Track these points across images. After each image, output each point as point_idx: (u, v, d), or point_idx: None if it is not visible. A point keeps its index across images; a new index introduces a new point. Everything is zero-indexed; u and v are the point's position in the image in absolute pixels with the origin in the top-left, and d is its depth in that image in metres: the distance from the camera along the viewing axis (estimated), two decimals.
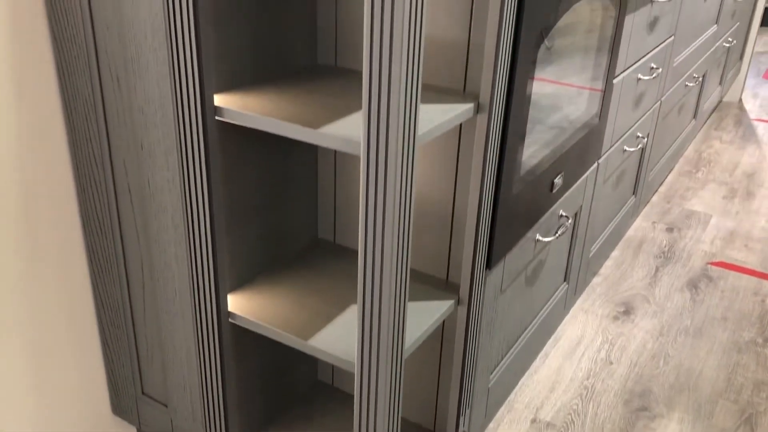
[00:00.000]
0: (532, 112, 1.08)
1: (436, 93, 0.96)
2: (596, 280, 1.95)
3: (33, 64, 0.95)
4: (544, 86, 1.10)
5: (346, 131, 0.81)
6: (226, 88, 0.92)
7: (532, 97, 1.06)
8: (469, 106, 0.92)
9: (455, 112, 0.89)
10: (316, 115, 0.86)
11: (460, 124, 0.97)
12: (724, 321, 1.81)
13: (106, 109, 0.96)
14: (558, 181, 1.27)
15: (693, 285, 1.97)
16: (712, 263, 2.08)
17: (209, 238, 0.92)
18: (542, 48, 1.04)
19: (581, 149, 1.37)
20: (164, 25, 0.85)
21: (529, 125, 1.08)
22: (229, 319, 1.00)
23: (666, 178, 2.60)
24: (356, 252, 1.13)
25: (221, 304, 0.97)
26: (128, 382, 1.18)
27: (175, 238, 0.97)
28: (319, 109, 0.88)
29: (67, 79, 0.98)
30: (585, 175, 1.44)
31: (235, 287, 1.02)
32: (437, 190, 1.03)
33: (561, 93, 1.19)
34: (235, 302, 1.00)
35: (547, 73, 1.10)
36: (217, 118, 0.88)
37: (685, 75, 2.15)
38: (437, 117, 0.87)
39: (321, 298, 1.02)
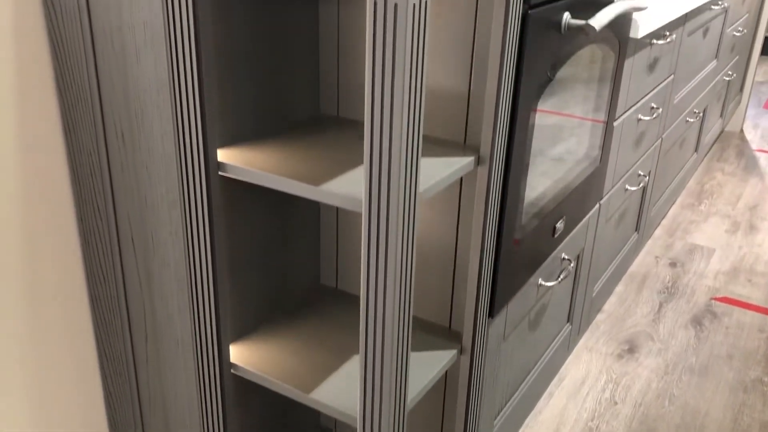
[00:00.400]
0: (534, 159, 1.09)
1: (436, 145, 0.97)
2: (600, 317, 1.94)
3: (39, 118, 0.97)
4: (544, 133, 1.11)
5: (347, 188, 0.82)
6: (229, 142, 0.93)
7: (533, 145, 1.07)
8: (469, 160, 0.93)
9: (455, 166, 0.90)
10: (318, 170, 0.87)
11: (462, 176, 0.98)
12: (729, 359, 1.80)
13: (111, 164, 0.97)
14: (560, 225, 1.28)
15: (697, 321, 1.96)
16: (716, 299, 2.08)
17: (212, 291, 0.92)
18: (541, 99, 1.05)
19: (583, 192, 1.37)
20: (168, 84, 0.86)
21: (530, 173, 1.08)
22: (231, 370, 1.00)
23: (668, 211, 2.60)
24: (359, 297, 1.14)
25: (223, 354, 0.98)
26: (130, 429, 1.18)
27: (178, 290, 0.98)
28: (320, 164, 0.89)
29: (73, 134, 0.99)
30: (587, 217, 1.45)
31: (237, 337, 1.03)
32: (439, 240, 1.03)
33: (562, 138, 1.20)
34: (237, 353, 1.01)
35: (548, 120, 1.11)
36: (220, 173, 0.89)
37: (686, 111, 2.17)
38: (438, 172, 0.88)
39: (323, 347, 1.02)
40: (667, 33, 1.63)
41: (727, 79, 2.76)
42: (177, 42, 0.82)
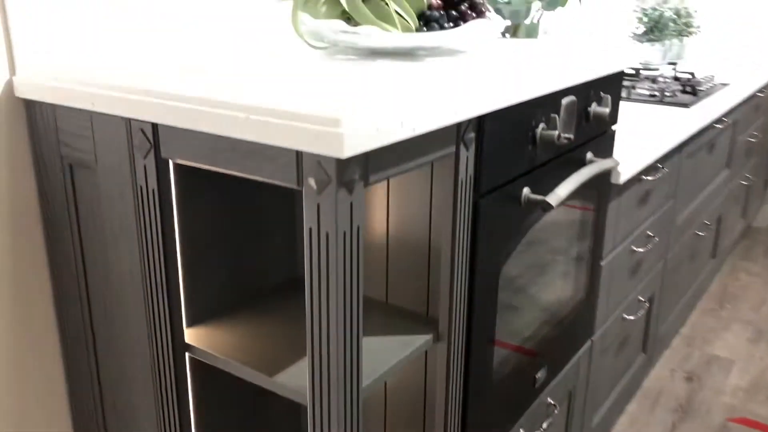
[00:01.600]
0: (504, 317, 1.11)
1: (399, 318, 1.01)
2: None
3: (33, 297, 1.05)
4: (516, 290, 1.14)
5: (296, 380, 0.86)
6: (199, 320, 0.99)
7: (503, 301, 1.09)
8: (427, 338, 0.97)
9: (409, 348, 0.94)
10: (278, 352, 0.92)
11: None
12: None
13: (96, 340, 1.04)
14: (541, 375, 1.29)
15: None
16: (733, 420, 2.02)
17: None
18: (508, 262, 1.08)
19: (567, 334, 1.39)
20: (140, 271, 0.93)
21: (501, 331, 1.11)
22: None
23: (688, 318, 2.56)
24: None
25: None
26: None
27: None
28: (283, 343, 0.94)
29: (65, 311, 1.07)
30: (576, 356, 1.46)
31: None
32: (407, 410, 1.06)
33: (539, 289, 1.23)
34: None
35: (520, 280, 1.15)
36: (187, 354, 0.95)
37: (694, 226, 2.17)
38: (390, 356, 0.92)
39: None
40: (660, 165, 1.66)
41: (746, 183, 2.75)
42: (146, 234, 0.89)
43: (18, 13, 0.95)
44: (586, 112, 1.21)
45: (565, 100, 1.12)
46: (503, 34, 1.57)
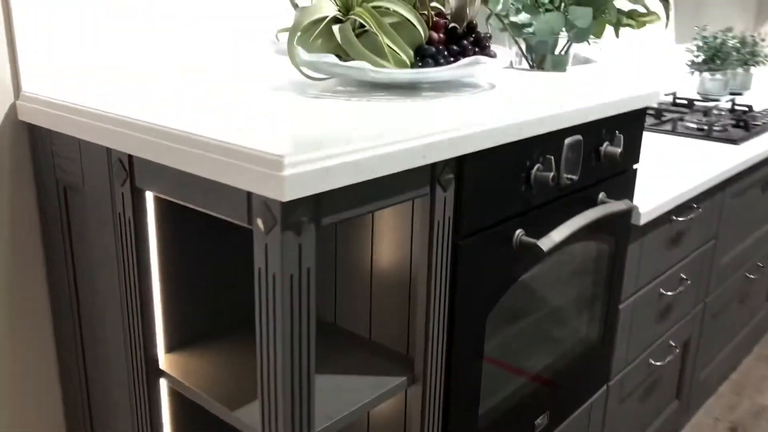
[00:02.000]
0: (496, 359, 1.08)
1: (376, 356, 0.99)
2: None
3: (32, 311, 1.09)
4: (506, 330, 1.10)
5: (253, 416, 0.86)
6: (179, 346, 1.00)
7: (492, 341, 1.06)
8: (400, 381, 0.94)
9: (377, 392, 0.92)
10: (247, 387, 0.92)
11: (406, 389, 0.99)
12: None
13: (86, 361, 1.07)
14: (541, 421, 1.24)
15: None
16: None
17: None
18: (500, 304, 1.05)
19: (576, 379, 1.33)
20: (118, 297, 0.95)
21: (489, 374, 1.07)
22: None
23: (739, 364, 2.42)
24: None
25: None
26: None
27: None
28: (254, 378, 0.94)
29: (60, 327, 1.10)
30: (589, 401, 1.39)
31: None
32: None
33: (541, 326, 1.18)
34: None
35: (521, 309, 1.11)
36: (161, 380, 0.96)
37: (744, 268, 2.05)
38: (359, 396, 0.90)
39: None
40: (694, 205, 1.58)
41: None
42: (124, 261, 0.91)
43: (26, 37, 0.99)
44: (597, 152, 1.16)
45: (568, 140, 1.08)
46: (530, 66, 1.53)
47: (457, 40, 1.08)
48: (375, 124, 0.83)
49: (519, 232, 1.03)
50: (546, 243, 1.00)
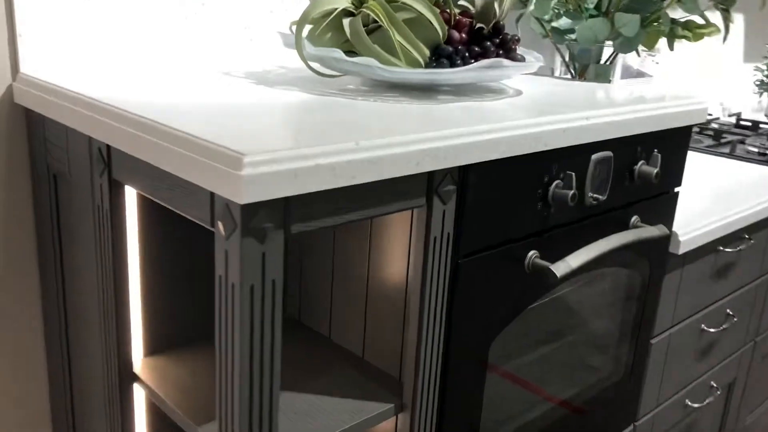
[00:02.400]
0: (502, 389, 0.99)
1: (365, 377, 0.92)
2: None
3: (23, 299, 1.05)
4: (523, 354, 1.01)
5: None
6: (157, 350, 0.95)
7: (495, 370, 0.97)
8: (387, 407, 0.87)
9: (358, 418, 0.84)
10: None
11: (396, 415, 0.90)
12: None
13: (71, 358, 1.02)
14: None
15: None
16: None
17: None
18: (505, 331, 0.96)
19: (596, 417, 1.22)
20: (96, 294, 0.90)
21: (494, 404, 0.98)
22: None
23: None
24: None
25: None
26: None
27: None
28: None
29: (48, 318, 1.06)
30: None
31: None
32: None
33: (557, 357, 1.08)
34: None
35: (534, 338, 1.01)
36: (135, 384, 0.91)
37: None
38: (338, 422, 0.83)
39: None
40: (746, 236, 1.44)
41: None
42: (101, 255, 0.86)
43: (26, 16, 0.96)
44: (631, 171, 1.06)
45: (596, 156, 0.98)
46: (572, 76, 1.43)
47: (480, 41, 0.99)
48: (370, 126, 0.75)
49: (532, 253, 0.93)
50: (561, 268, 0.90)
